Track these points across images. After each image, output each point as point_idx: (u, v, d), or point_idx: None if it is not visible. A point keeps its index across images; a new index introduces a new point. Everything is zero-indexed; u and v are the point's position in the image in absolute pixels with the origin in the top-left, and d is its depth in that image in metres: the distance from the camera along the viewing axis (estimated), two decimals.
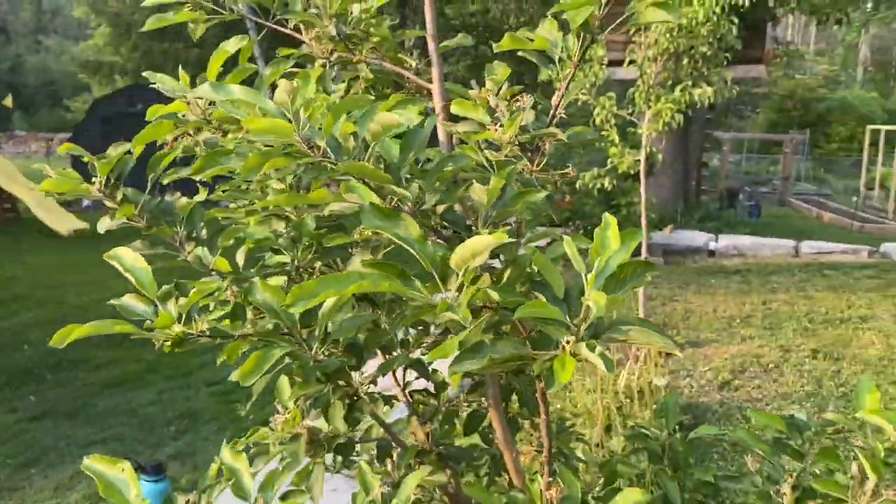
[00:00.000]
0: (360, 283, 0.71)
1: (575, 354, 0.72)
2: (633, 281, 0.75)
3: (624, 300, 0.74)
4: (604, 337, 0.73)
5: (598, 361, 0.66)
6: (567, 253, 0.78)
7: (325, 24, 1.04)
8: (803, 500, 1.22)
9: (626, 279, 0.75)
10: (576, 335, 0.72)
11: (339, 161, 0.75)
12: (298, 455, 1.04)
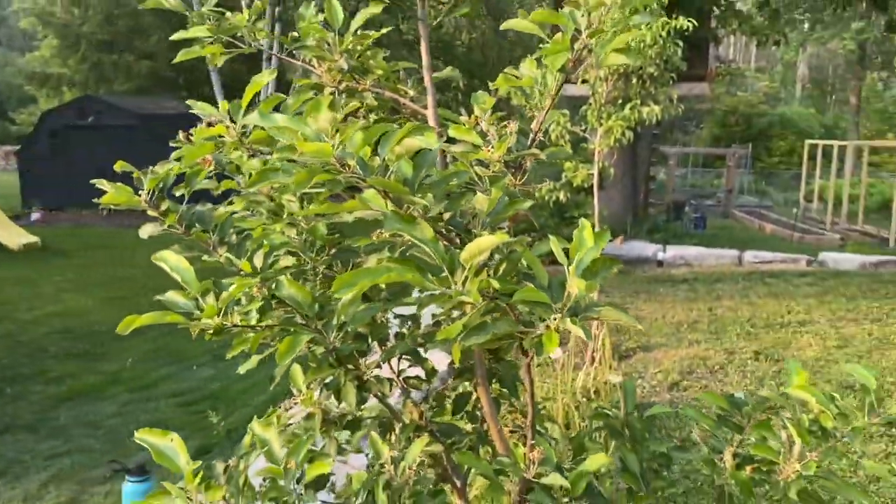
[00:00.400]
0: (388, 275, 0.89)
1: (558, 330, 0.91)
2: (603, 272, 0.95)
3: (596, 286, 0.93)
4: (582, 315, 0.92)
5: (579, 332, 0.85)
6: (545, 251, 0.97)
7: (335, 59, 1.22)
8: (742, 465, 1.43)
9: (598, 271, 0.94)
10: (560, 314, 0.91)
11: (367, 177, 0.93)
12: (315, 430, 1.21)
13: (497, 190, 0.98)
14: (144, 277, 11.46)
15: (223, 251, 1.18)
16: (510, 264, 0.97)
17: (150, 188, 1.12)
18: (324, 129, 0.91)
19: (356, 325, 1.15)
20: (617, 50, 1.06)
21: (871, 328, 5.83)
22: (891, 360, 5.02)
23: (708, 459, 1.43)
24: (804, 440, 1.36)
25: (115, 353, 7.44)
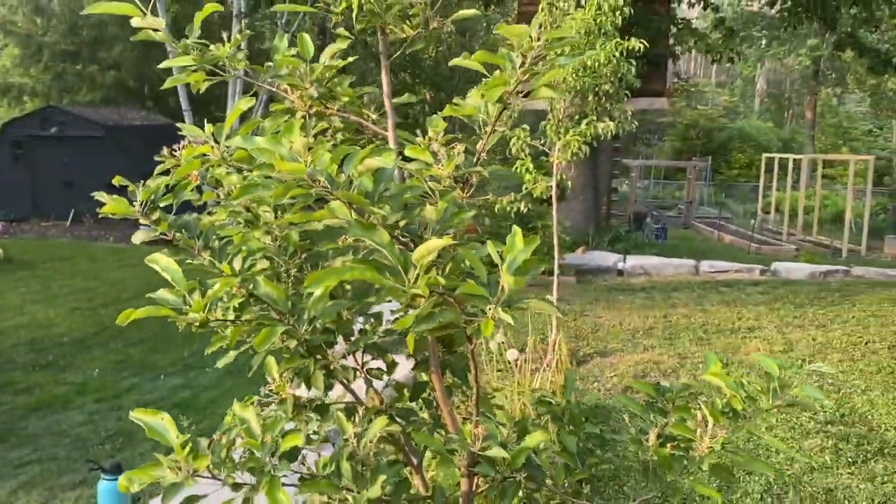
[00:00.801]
0: (351, 273, 1.07)
1: (494, 318, 1.09)
2: (532, 271, 1.13)
3: (524, 283, 1.11)
4: (514, 306, 1.10)
5: (509, 318, 1.04)
6: (487, 253, 1.16)
7: (306, 87, 1.39)
8: (664, 444, 1.62)
9: (528, 269, 1.13)
10: (496, 306, 1.09)
11: (334, 191, 1.10)
12: (287, 412, 1.37)
13: (444, 202, 1.16)
14: (108, 289, 11.45)
15: (207, 255, 1.34)
16: (455, 264, 1.15)
17: (144, 199, 1.28)
18: (298, 151, 1.09)
19: (324, 319, 1.32)
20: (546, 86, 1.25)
21: (815, 334, 6.13)
22: (831, 363, 5.30)
23: (635, 439, 1.62)
24: (716, 419, 1.56)
25: (82, 364, 7.47)
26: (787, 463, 3.58)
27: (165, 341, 8.26)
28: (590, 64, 5.06)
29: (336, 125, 1.46)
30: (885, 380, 4.91)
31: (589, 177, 13.50)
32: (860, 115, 42.01)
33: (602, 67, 5.09)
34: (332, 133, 1.52)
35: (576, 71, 5.10)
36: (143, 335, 8.66)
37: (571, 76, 5.19)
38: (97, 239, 17.14)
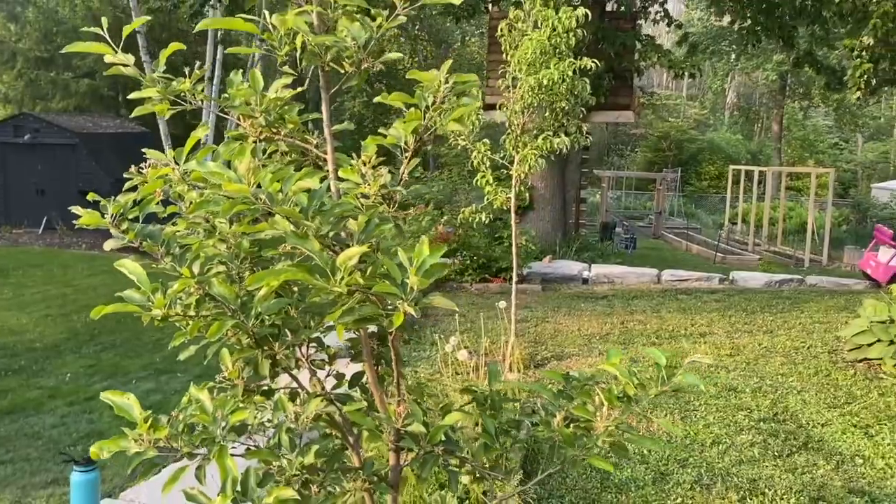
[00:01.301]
0: (287, 274, 1.30)
1: (405, 312, 1.33)
2: (437, 273, 1.37)
3: (427, 283, 1.35)
4: (420, 302, 1.34)
5: (416, 312, 1.28)
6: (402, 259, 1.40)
7: (257, 116, 1.63)
8: (569, 424, 1.87)
9: (434, 272, 1.37)
10: (405, 301, 1.33)
11: (274, 207, 1.33)
12: (238, 395, 1.60)
13: (365, 216, 1.40)
14: (80, 295, 11.53)
15: (168, 260, 1.57)
16: (374, 267, 1.39)
17: (115, 212, 1.51)
18: (243, 174, 1.32)
19: (269, 314, 1.55)
20: (455, 120, 1.50)
21: (762, 339, 6.45)
22: (773, 366, 5.61)
23: (545, 421, 1.87)
24: (611, 402, 1.81)
25: (54, 369, 7.59)
26: (718, 457, 3.86)
27: (137, 347, 8.39)
28: (545, 82, 5.33)
29: (283, 149, 1.70)
30: (820, 381, 5.22)
31: (557, 187, 13.81)
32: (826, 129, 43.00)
33: (556, 86, 5.36)
34: (281, 155, 1.76)
35: (532, 89, 5.37)
36: (115, 340, 8.79)
37: (528, 93, 5.47)
38: (69, 246, 17.14)
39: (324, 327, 1.72)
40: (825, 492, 3.42)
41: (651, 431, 4.20)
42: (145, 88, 1.67)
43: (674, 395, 4.86)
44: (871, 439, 4.07)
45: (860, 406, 4.63)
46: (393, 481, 1.70)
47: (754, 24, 12.24)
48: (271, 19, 1.58)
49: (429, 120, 1.50)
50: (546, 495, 3.44)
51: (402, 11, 1.64)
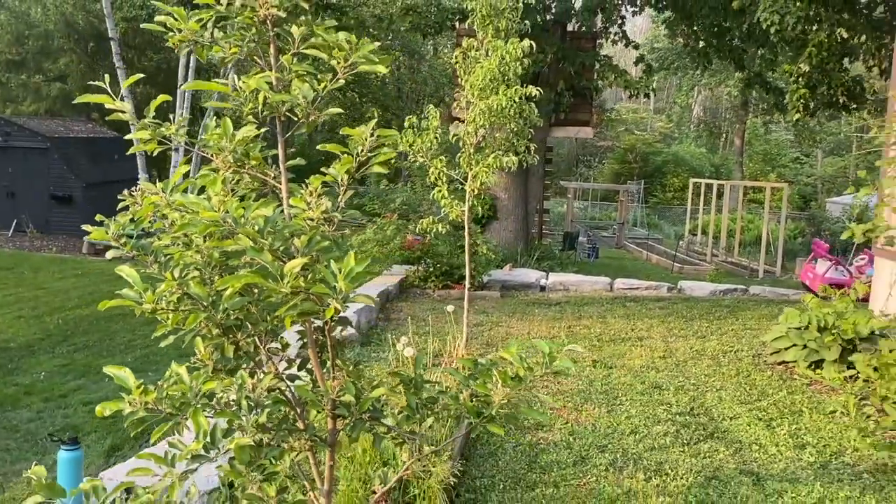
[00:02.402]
0: (246, 278, 1.77)
1: (336, 309, 1.80)
2: (362, 279, 1.85)
3: (352, 287, 1.81)
4: (349, 300, 1.81)
5: (342, 308, 1.75)
6: (339, 268, 1.87)
7: (227, 154, 2.09)
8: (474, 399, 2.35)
9: (359, 278, 1.84)
10: (336, 300, 1.80)
11: (238, 228, 1.79)
12: (208, 371, 2.05)
13: (307, 236, 1.86)
14: (52, 298, 11.78)
15: (156, 267, 2.02)
16: (313, 274, 1.85)
17: (116, 230, 1.96)
18: (215, 203, 1.78)
19: (234, 309, 2.01)
20: (380, 163, 1.98)
21: (694, 343, 7.01)
22: (700, 368, 6.16)
23: (454, 397, 2.35)
24: (504, 381, 2.30)
25: (29, 368, 7.91)
26: (634, 444, 4.37)
27: (109, 347, 8.73)
28: (495, 107, 5.83)
29: (247, 181, 2.16)
30: (740, 381, 5.78)
31: (520, 199, 14.36)
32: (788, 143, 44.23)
33: (505, 110, 5.86)
34: (246, 184, 2.22)
35: (483, 112, 5.88)
36: (88, 341, 9.11)
37: (480, 116, 5.97)
38: (40, 249, 17.28)
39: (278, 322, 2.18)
40: (720, 472, 3.95)
41: (580, 422, 4.70)
42: (138, 130, 2.12)
43: (605, 391, 5.37)
44: (771, 430, 4.61)
45: (769, 402, 5.19)
46: (330, 442, 2.17)
47: (706, 47, 12.91)
48: (239, 82, 2.05)
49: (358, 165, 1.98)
50: (479, 475, 3.92)
51: (342, 76, 2.12)
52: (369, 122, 2.04)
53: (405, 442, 2.30)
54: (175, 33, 2.10)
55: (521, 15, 6.41)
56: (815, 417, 4.87)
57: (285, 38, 2.11)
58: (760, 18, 8.63)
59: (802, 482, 3.84)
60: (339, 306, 1.78)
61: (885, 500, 3.66)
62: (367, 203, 12.23)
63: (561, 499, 3.62)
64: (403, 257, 10.43)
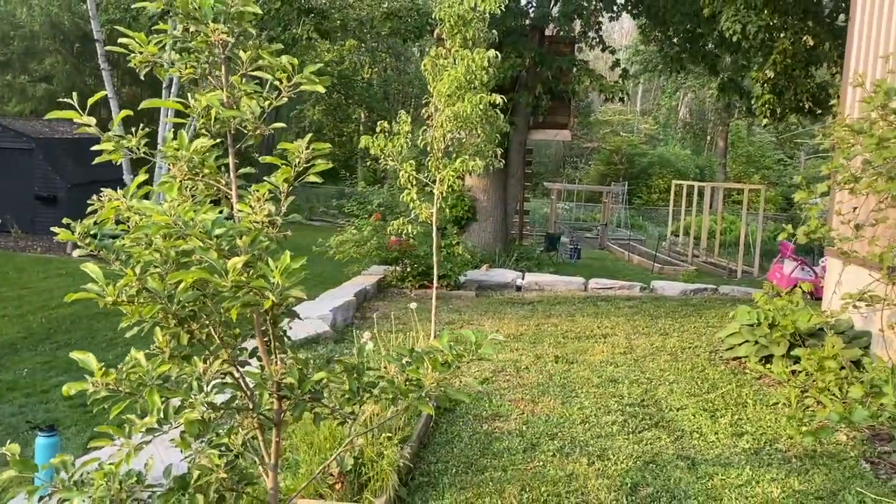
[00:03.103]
0: (195, 273, 2.02)
1: (273, 301, 2.06)
2: (298, 275, 2.10)
3: (287, 282, 2.07)
4: (283, 294, 2.07)
5: (276, 298, 2.01)
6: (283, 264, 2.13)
7: (182, 164, 2.34)
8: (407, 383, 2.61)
9: (296, 273, 2.10)
10: (273, 294, 2.06)
11: (188, 230, 2.05)
12: (165, 357, 2.30)
13: (249, 236, 2.12)
14: (36, 297, 11.95)
15: (117, 264, 2.26)
16: (256, 270, 2.11)
17: (82, 231, 2.20)
18: (167, 208, 2.03)
19: (187, 302, 2.26)
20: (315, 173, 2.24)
21: (655, 340, 7.29)
22: (657, 363, 6.44)
23: (390, 381, 2.61)
24: (434, 367, 2.56)
25: (11, 365, 8.11)
26: (583, 432, 4.65)
27: (91, 346, 8.93)
28: (461, 113, 6.10)
29: (202, 188, 2.41)
30: (693, 376, 6.06)
31: (499, 201, 14.63)
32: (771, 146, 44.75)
33: (471, 116, 6.13)
34: (201, 192, 2.48)
35: (449, 119, 6.14)
36: (70, 339, 9.31)
37: (447, 122, 6.23)
38: (24, 249, 17.41)
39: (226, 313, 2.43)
40: (658, 458, 4.22)
41: (535, 413, 4.97)
42: (104, 142, 2.37)
43: (562, 385, 5.65)
44: (714, 420, 4.90)
45: (717, 395, 5.47)
46: (276, 421, 2.42)
47: (680, 52, 13.24)
48: (192, 99, 2.30)
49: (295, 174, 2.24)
50: (434, 461, 4.18)
51: (286, 94, 2.37)
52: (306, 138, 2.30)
53: (346, 421, 2.55)
54: (137, 55, 2.36)
55: (494, 21, 6.68)
56: (759, 409, 5.16)
57: (235, 60, 2.37)
58: (723, 27, 8.96)
59: (734, 466, 4.12)
60: (275, 298, 2.04)
61: (807, 481, 3.95)
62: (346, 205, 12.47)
63: (507, 481, 3.89)
64: (381, 258, 10.68)
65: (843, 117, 5.65)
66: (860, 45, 6.62)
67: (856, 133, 5.14)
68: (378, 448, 3.76)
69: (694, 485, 3.86)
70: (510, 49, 13.24)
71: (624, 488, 3.80)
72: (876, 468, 4.17)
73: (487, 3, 6.32)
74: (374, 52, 32.77)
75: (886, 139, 4.91)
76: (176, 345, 2.33)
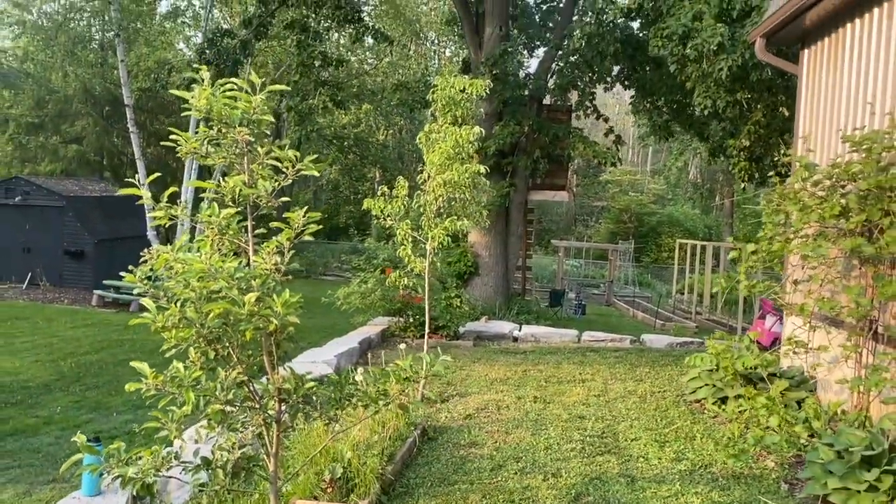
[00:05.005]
0: (222, 305, 2.87)
1: (275, 327, 2.90)
2: (294, 307, 2.95)
3: (287, 312, 2.90)
4: (284, 320, 2.90)
5: (278, 322, 2.84)
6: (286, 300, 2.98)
7: (215, 229, 3.20)
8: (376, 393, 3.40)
9: (292, 306, 2.94)
10: (276, 319, 2.89)
11: (217, 275, 2.89)
12: (196, 368, 3.13)
13: (260, 280, 2.95)
14: (65, 345, 12.85)
15: (164, 300, 3.11)
16: (264, 303, 2.94)
17: (142, 276, 3.06)
18: (204, 259, 2.88)
19: (215, 327, 3.09)
20: (322, 231, 3.10)
21: (630, 385, 8.00)
22: (626, 404, 7.14)
23: (364, 392, 3.40)
24: (398, 381, 3.36)
25: (46, 403, 8.94)
26: (544, 457, 5.37)
27: (117, 388, 9.76)
28: (449, 180, 7.00)
29: (228, 245, 3.26)
30: (655, 415, 6.77)
31: (500, 257, 15.49)
32: None
33: (458, 182, 7.02)
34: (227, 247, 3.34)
35: (439, 185, 7.04)
36: (98, 382, 10.15)
37: (438, 187, 7.13)
38: (52, 301, 18.41)
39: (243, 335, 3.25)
40: (604, 476, 4.94)
41: (507, 442, 5.71)
42: (156, 211, 3.25)
43: (536, 420, 6.38)
44: (661, 449, 5.61)
45: (671, 430, 6.18)
46: (277, 418, 3.23)
47: (668, 121, 14.20)
48: (224, 180, 3.18)
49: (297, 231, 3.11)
50: (413, 476, 4.93)
51: (291, 176, 3.26)
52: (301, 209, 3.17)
53: (330, 422, 3.35)
54: (182, 146, 3.26)
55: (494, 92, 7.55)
56: (704, 441, 5.86)
57: (254, 152, 3.26)
58: (696, 102, 9.89)
59: (667, 483, 4.83)
60: (278, 322, 2.88)
61: (727, 495, 4.64)
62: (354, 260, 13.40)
63: (472, 491, 4.62)
64: (386, 309, 11.49)
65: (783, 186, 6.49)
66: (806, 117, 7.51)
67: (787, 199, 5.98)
68: (363, 460, 4.53)
69: (628, 495, 4.58)
70: (510, 117, 14.30)
71: (569, 497, 4.52)
72: (793, 488, 4.86)
73: (475, 87, 7.28)
74: (388, 116, 34.24)
75: (808, 207, 5.74)
76: (205, 360, 3.16)
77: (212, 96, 3.13)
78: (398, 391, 3.38)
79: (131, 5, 25.77)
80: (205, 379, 3.10)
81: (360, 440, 5.10)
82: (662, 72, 13.10)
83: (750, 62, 9.05)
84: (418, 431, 5.74)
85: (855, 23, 6.60)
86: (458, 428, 6.15)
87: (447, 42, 36.73)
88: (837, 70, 6.88)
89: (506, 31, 14.87)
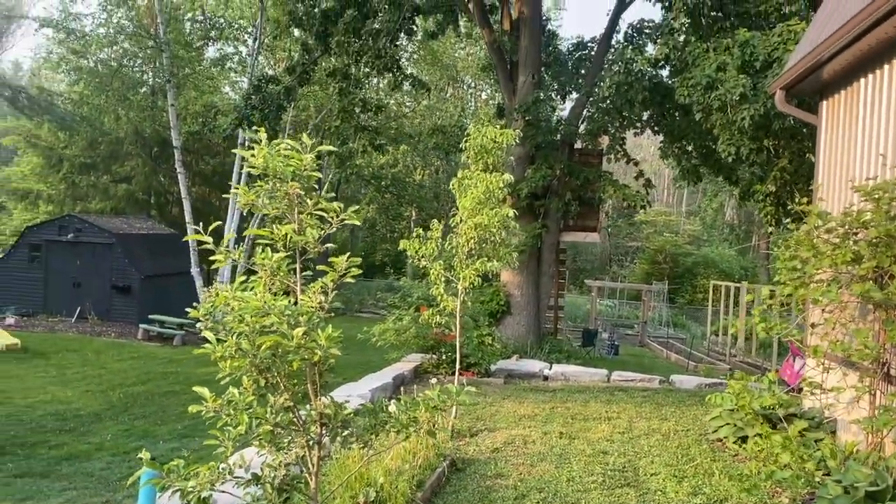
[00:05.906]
0: (273, 338, 3.29)
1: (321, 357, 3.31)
2: (336, 340, 3.36)
3: (333, 343, 3.30)
4: (326, 353, 3.31)
5: (322, 353, 3.25)
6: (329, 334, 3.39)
7: (269, 273, 3.64)
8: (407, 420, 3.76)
9: (334, 339, 3.35)
10: (320, 351, 3.30)
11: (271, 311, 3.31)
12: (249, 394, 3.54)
13: (306, 316, 3.36)
14: (113, 376, 13.44)
15: (223, 333, 3.54)
16: (310, 337, 3.35)
17: (206, 311, 3.49)
18: (260, 297, 3.31)
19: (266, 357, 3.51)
20: (360, 272, 3.52)
21: (655, 423, 8.23)
22: (649, 441, 7.38)
23: (397, 419, 3.77)
24: (427, 409, 3.72)
25: (97, 431, 9.46)
26: (566, 488, 5.66)
27: (164, 417, 10.25)
28: (480, 223, 7.41)
29: (279, 286, 3.69)
30: (677, 452, 7.00)
31: (532, 297, 15.80)
32: None
33: (489, 226, 7.43)
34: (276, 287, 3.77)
35: (470, 228, 7.46)
36: (145, 412, 10.66)
37: (469, 230, 7.55)
38: (100, 334, 19.15)
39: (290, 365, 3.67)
40: None
41: (531, 474, 6.00)
42: (218, 254, 3.71)
43: (560, 454, 6.66)
44: (679, 483, 5.85)
45: (691, 466, 6.41)
46: (318, 440, 3.61)
47: (697, 166, 14.50)
48: (276, 229, 3.63)
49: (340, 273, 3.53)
50: (441, 502, 5.26)
51: (336, 224, 3.69)
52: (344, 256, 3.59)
53: (365, 446, 3.73)
54: (240, 198, 3.72)
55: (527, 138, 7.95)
56: (722, 478, 6.09)
57: (304, 203, 3.71)
58: (720, 149, 10.21)
59: None
60: (322, 354, 3.28)
61: None
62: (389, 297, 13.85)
63: None
64: (419, 346, 11.86)
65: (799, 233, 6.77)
66: (825, 165, 7.79)
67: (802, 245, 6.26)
68: (395, 486, 4.88)
69: None
70: (542, 161, 14.75)
71: None
72: None
73: (506, 137, 7.73)
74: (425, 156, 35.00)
75: (822, 253, 6.01)
76: (257, 387, 3.58)
77: (268, 155, 3.60)
78: (427, 419, 3.74)
79: (181, 51, 26.99)
80: (256, 404, 3.51)
81: (392, 468, 5.45)
82: (690, 118, 13.44)
83: (772, 111, 9.37)
84: (447, 462, 6.07)
85: (868, 77, 6.92)
86: (485, 460, 6.45)
87: (483, 85, 37.60)
88: (853, 122, 7.18)
89: (538, 78, 15.41)
